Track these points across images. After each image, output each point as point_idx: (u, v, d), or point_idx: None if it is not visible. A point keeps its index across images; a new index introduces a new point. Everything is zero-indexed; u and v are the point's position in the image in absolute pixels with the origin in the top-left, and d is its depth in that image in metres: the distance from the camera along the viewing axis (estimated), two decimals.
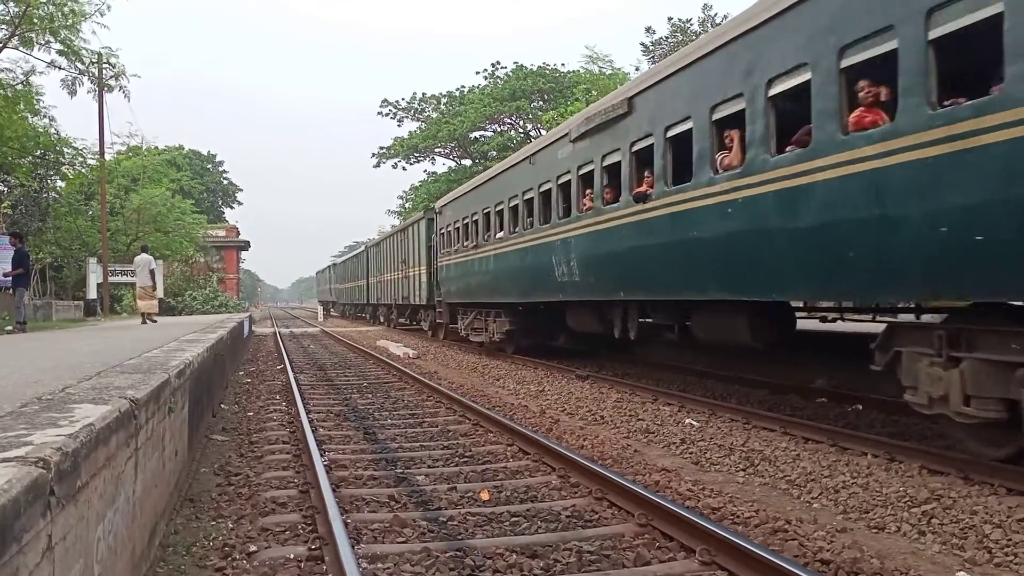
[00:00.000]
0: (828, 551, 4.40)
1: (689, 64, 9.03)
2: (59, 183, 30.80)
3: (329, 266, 68.73)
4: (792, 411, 8.90)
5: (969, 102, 5.53)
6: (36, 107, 23.83)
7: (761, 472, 6.48)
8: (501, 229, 16.82)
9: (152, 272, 19.81)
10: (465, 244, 19.47)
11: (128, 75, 26.84)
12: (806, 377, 10.65)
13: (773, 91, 7.56)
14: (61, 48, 23.56)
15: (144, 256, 19.98)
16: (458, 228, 20.53)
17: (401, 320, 33.58)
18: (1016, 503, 5.16)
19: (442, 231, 22.60)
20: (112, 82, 26.92)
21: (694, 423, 8.60)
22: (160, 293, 25.13)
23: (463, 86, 51.35)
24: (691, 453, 7.30)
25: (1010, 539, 4.54)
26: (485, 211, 18.01)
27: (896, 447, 6.68)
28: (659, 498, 5.11)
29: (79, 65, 24.88)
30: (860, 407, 8.82)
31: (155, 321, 19.47)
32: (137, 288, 20.03)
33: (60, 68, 24.41)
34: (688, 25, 35.76)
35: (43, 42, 23.08)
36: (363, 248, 41.90)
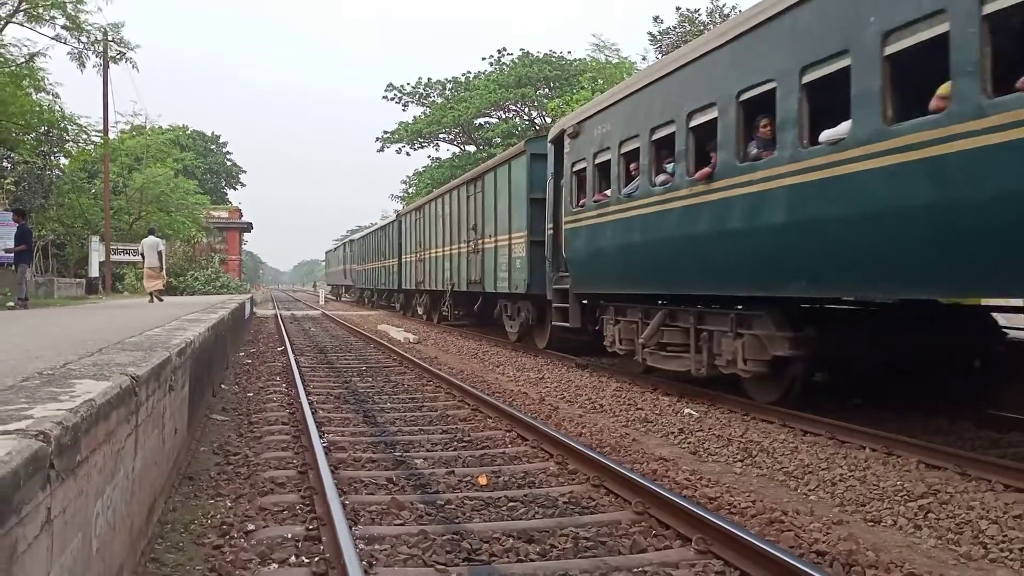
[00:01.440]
0: (824, 543, 4.41)
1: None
2: (63, 160, 30.81)
3: (344, 243, 57.18)
4: (791, 403, 8.90)
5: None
6: (40, 83, 23.80)
7: (759, 463, 6.50)
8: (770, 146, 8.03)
9: (160, 253, 20.28)
10: (656, 184, 9.93)
11: (132, 47, 26.78)
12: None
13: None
14: (66, 24, 23.51)
15: (152, 238, 20.56)
16: (627, 157, 10.92)
17: (459, 314, 23.10)
18: (1013, 499, 5.17)
19: (581, 168, 12.46)
20: (118, 56, 26.87)
21: (693, 413, 8.61)
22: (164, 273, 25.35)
23: (468, 72, 51.22)
24: (689, 443, 7.31)
25: (1006, 535, 4.55)
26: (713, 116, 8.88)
27: (894, 441, 6.69)
28: (656, 486, 5.12)
29: (83, 40, 24.83)
30: (860, 401, 8.82)
31: (162, 300, 19.81)
32: (145, 268, 20.49)
33: (64, 43, 24.36)
34: (696, 15, 35.58)
35: (48, 17, 23.03)
36: (394, 217, 32.91)
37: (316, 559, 4.16)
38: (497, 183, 17.31)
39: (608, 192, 11.41)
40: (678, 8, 37.62)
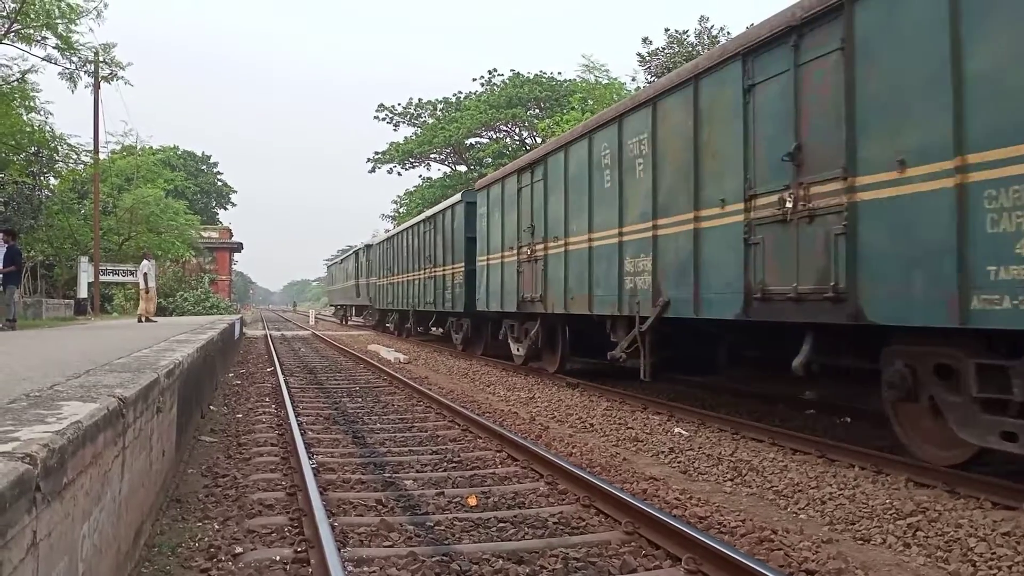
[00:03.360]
0: (813, 561, 4.42)
1: None
2: (52, 181, 30.72)
3: (359, 249, 41.28)
4: (781, 422, 8.92)
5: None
6: (32, 103, 23.79)
7: (749, 482, 6.50)
8: None
9: (145, 275, 21.30)
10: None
11: (123, 66, 26.80)
12: (795, 388, 10.67)
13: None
14: (58, 44, 23.54)
15: (146, 262, 22.00)
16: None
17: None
18: (1001, 517, 5.19)
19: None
20: (109, 76, 26.89)
21: (683, 432, 8.62)
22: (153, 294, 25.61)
23: (459, 92, 51.50)
24: (679, 462, 7.31)
25: (994, 552, 4.56)
26: None
27: (883, 459, 6.70)
28: (646, 506, 5.12)
29: (75, 60, 24.86)
30: (848, 419, 8.85)
31: (154, 321, 20.51)
32: (141, 291, 21.62)
33: (56, 63, 24.38)
34: (685, 37, 35.85)
35: (39, 38, 23.06)
36: (447, 206, 21.36)
37: None
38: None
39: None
40: (667, 29, 37.98)
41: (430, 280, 22.16)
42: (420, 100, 52.91)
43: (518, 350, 16.00)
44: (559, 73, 47.88)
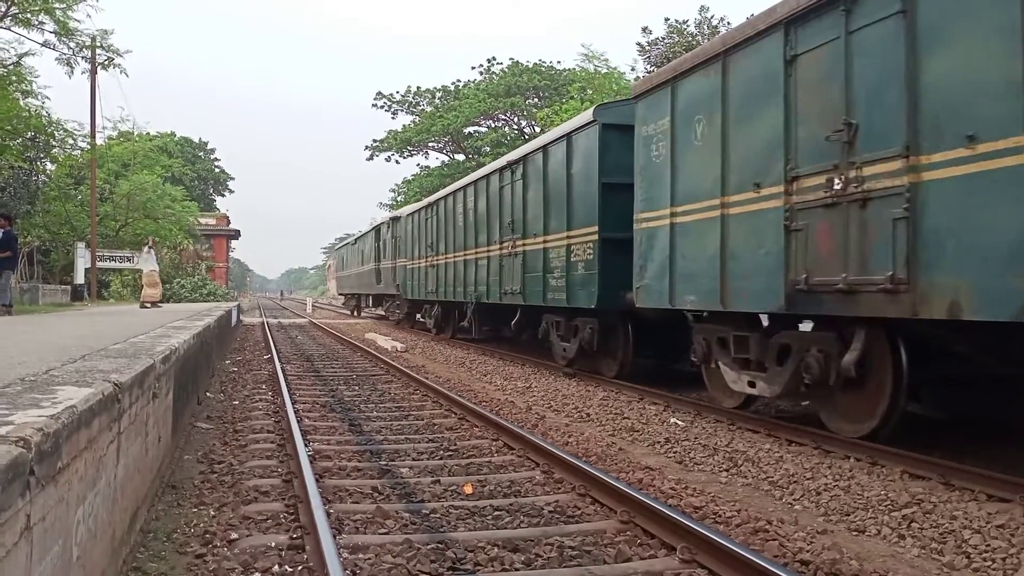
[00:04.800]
0: (808, 552, 4.42)
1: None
2: (49, 166, 30.63)
3: (381, 225, 32.40)
4: (777, 413, 8.93)
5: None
6: (29, 87, 23.67)
7: (744, 473, 6.51)
8: None
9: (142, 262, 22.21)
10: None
11: (121, 53, 26.70)
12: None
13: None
14: (55, 29, 23.42)
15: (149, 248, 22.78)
16: None
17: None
18: (995, 509, 5.20)
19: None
20: (106, 62, 26.79)
21: (679, 423, 8.63)
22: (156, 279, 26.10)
23: (458, 80, 51.37)
24: (675, 452, 7.32)
25: (988, 544, 4.57)
26: None
27: (878, 451, 6.71)
28: (642, 496, 5.12)
29: (72, 46, 24.75)
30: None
31: (159, 306, 21.12)
32: (145, 276, 21.98)
33: (53, 48, 24.26)
34: (685, 26, 35.75)
35: (37, 23, 22.94)
36: (557, 136, 13.69)
37: (300, 568, 4.14)
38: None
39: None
40: (667, 19, 37.85)
41: (512, 259, 15.14)
42: (419, 88, 52.89)
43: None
44: (558, 62, 47.85)
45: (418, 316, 26.29)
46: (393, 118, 54.29)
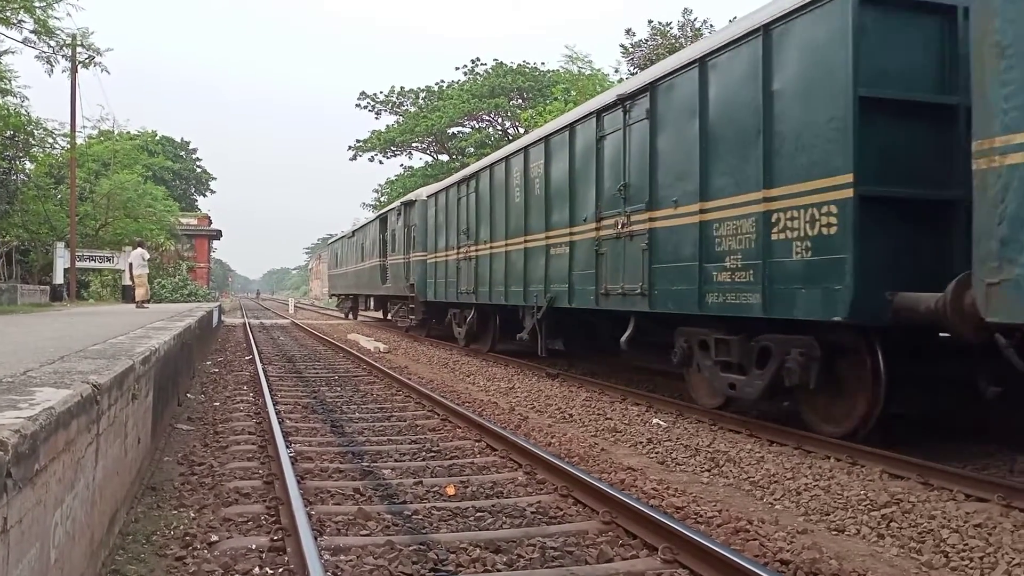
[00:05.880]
0: (788, 551, 4.45)
1: None
2: (28, 165, 30.31)
3: (390, 212, 26.82)
4: (758, 414, 8.98)
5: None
6: (8, 86, 23.44)
7: (725, 473, 6.54)
8: None
9: (144, 264, 21.83)
10: None
11: (101, 51, 26.51)
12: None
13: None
14: (35, 28, 23.21)
15: (139, 250, 22.32)
16: None
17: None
18: (974, 508, 5.25)
19: None
20: (87, 60, 26.59)
21: (661, 423, 8.66)
22: (128, 280, 26.12)
23: (442, 81, 51.31)
24: (657, 453, 7.34)
25: (966, 544, 4.62)
26: None
27: (858, 451, 6.76)
28: (624, 496, 5.13)
29: (52, 44, 24.55)
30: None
31: (146, 307, 20.83)
32: (136, 278, 21.90)
33: (34, 47, 24.05)
34: (668, 29, 35.86)
35: (16, 21, 22.73)
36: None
37: (281, 570, 4.13)
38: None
39: None
40: (650, 21, 37.98)
41: (624, 242, 10.15)
42: (402, 88, 52.74)
43: None
44: (542, 64, 47.88)
45: (446, 324, 20.47)
46: (377, 118, 54.19)
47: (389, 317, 29.03)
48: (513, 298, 14.20)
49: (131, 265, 21.93)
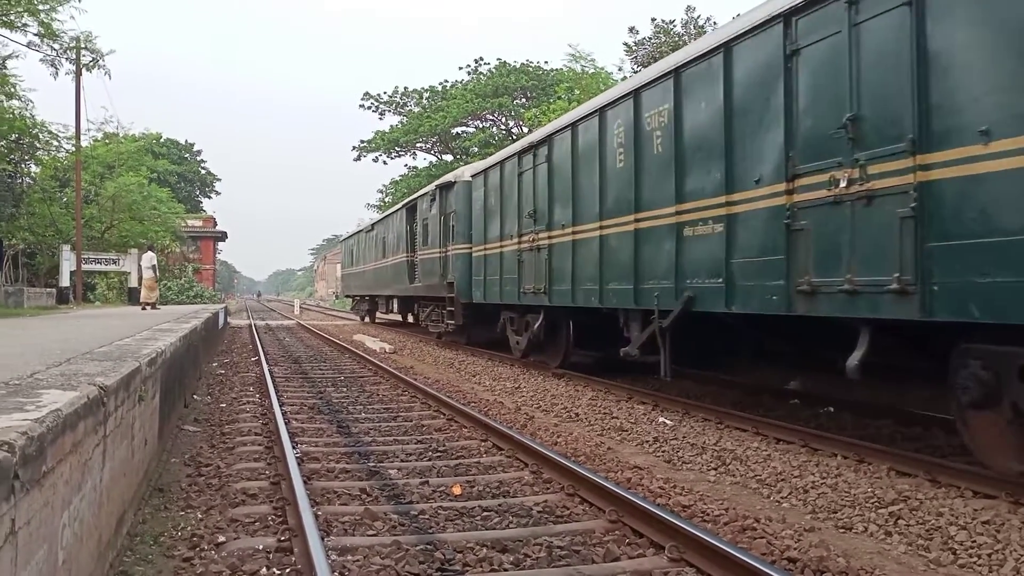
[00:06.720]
0: (795, 549, 4.44)
1: None
2: (34, 168, 30.41)
3: (418, 198, 23.18)
4: (765, 412, 8.95)
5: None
6: (12, 90, 23.50)
7: (732, 471, 6.53)
8: None
9: (151, 267, 22.50)
10: None
11: (105, 53, 26.59)
12: (780, 379, 10.73)
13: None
14: (39, 31, 23.27)
15: (149, 253, 23.07)
16: None
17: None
18: (981, 506, 5.23)
19: None
20: (91, 63, 26.66)
21: (667, 422, 8.64)
22: (134, 283, 26.41)
23: (446, 81, 51.28)
24: (664, 451, 7.33)
25: (974, 541, 4.61)
26: None
27: (865, 449, 6.75)
28: (630, 495, 5.13)
29: (56, 47, 24.61)
30: (832, 409, 8.89)
31: (157, 308, 21.56)
32: (144, 280, 22.65)
33: (38, 50, 24.12)
34: (671, 26, 35.80)
35: (20, 24, 22.79)
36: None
37: (288, 570, 4.13)
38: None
39: None
40: (653, 19, 37.91)
41: (862, 206, 6.24)
42: (406, 88, 52.70)
43: None
44: (546, 62, 47.80)
45: (511, 334, 15.80)
46: (381, 119, 54.14)
47: (420, 322, 24.19)
48: (612, 299, 10.58)
49: (140, 267, 22.59)
